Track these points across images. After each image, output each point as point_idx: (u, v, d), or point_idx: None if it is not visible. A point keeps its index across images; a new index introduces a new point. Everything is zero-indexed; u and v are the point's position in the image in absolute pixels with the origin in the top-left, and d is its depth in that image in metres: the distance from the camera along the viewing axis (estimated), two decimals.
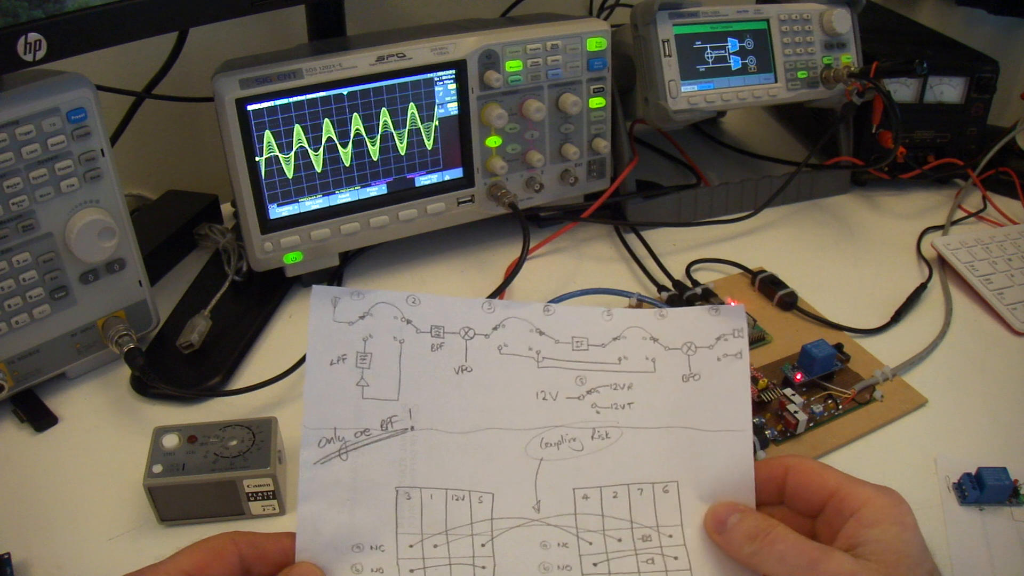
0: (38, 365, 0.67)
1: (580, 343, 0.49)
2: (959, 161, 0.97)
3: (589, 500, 0.47)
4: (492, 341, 0.48)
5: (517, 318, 0.49)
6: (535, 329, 0.49)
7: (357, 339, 0.46)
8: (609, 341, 0.50)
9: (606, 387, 0.49)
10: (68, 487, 0.61)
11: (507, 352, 0.48)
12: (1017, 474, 0.59)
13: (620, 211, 0.91)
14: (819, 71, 0.90)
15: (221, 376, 0.71)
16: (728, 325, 0.50)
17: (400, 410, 0.46)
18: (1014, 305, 0.78)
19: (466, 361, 0.48)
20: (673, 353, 0.49)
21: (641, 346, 0.50)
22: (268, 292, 0.80)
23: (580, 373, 0.49)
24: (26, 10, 0.55)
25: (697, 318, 0.50)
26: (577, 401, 0.48)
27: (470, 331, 0.48)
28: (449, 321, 0.48)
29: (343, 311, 0.47)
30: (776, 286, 0.79)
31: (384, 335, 0.47)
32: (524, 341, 0.49)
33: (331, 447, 0.45)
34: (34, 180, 0.61)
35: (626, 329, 0.50)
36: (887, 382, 0.69)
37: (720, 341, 0.49)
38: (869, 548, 0.41)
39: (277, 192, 0.75)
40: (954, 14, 1.21)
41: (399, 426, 0.46)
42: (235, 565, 0.43)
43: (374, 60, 0.74)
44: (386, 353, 0.47)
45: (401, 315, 0.47)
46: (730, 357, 0.49)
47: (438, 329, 0.48)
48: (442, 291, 0.82)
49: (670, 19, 0.84)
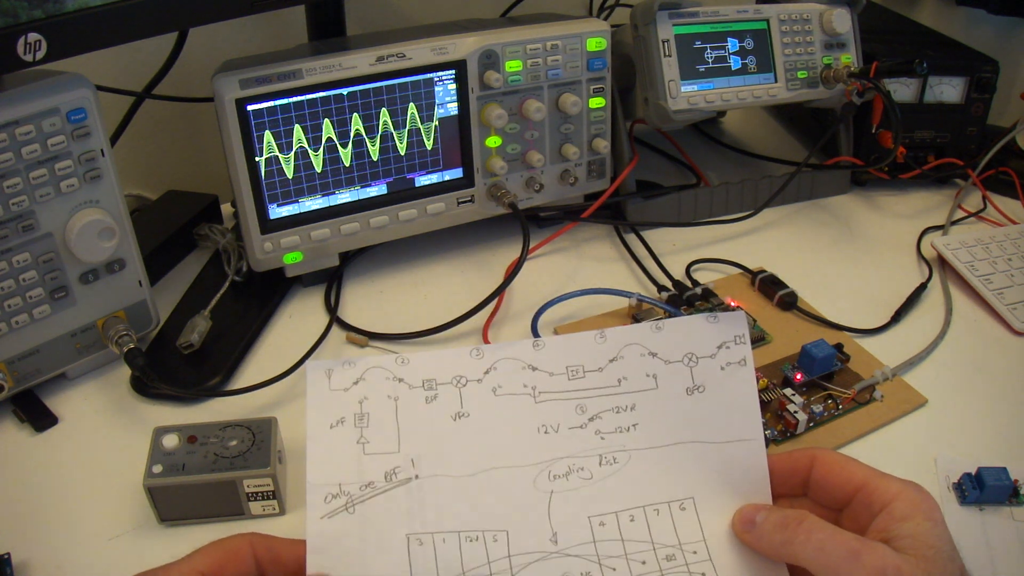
0: (38, 365, 0.67)
1: (576, 372, 0.49)
2: (959, 161, 0.97)
3: (606, 527, 0.46)
4: (485, 385, 0.48)
5: (507, 359, 0.49)
6: (527, 366, 0.49)
7: (353, 403, 0.47)
8: (606, 364, 0.49)
9: (608, 411, 0.48)
10: (68, 487, 0.61)
11: (502, 393, 0.48)
12: (1017, 474, 0.59)
13: (620, 211, 0.91)
14: (819, 71, 0.90)
15: (221, 376, 0.71)
16: (729, 332, 0.49)
17: (402, 461, 0.46)
18: (1014, 305, 0.78)
19: (462, 407, 0.48)
20: (674, 366, 0.49)
21: (640, 363, 0.49)
22: (268, 292, 0.80)
23: (580, 402, 0.48)
24: (26, 10, 0.55)
25: (696, 327, 0.49)
26: (580, 430, 0.48)
27: (462, 379, 0.48)
28: (440, 373, 0.48)
29: (337, 380, 0.48)
30: (776, 286, 0.79)
31: (379, 395, 0.48)
32: (518, 380, 0.49)
33: (337, 502, 0.45)
34: (34, 180, 0.61)
35: (622, 348, 0.49)
36: (887, 382, 0.69)
37: (722, 349, 0.49)
38: (904, 543, 0.40)
39: (277, 192, 0.75)
40: (954, 14, 1.21)
41: (403, 476, 0.46)
42: (250, 568, 0.43)
43: (374, 60, 0.74)
44: (382, 411, 0.47)
45: (392, 375, 0.48)
46: (734, 365, 0.48)
47: (430, 382, 0.48)
48: (442, 291, 0.82)
49: (670, 19, 0.84)
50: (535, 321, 0.72)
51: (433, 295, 0.82)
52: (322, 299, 0.81)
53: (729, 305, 0.77)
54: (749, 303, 0.79)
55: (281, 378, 0.69)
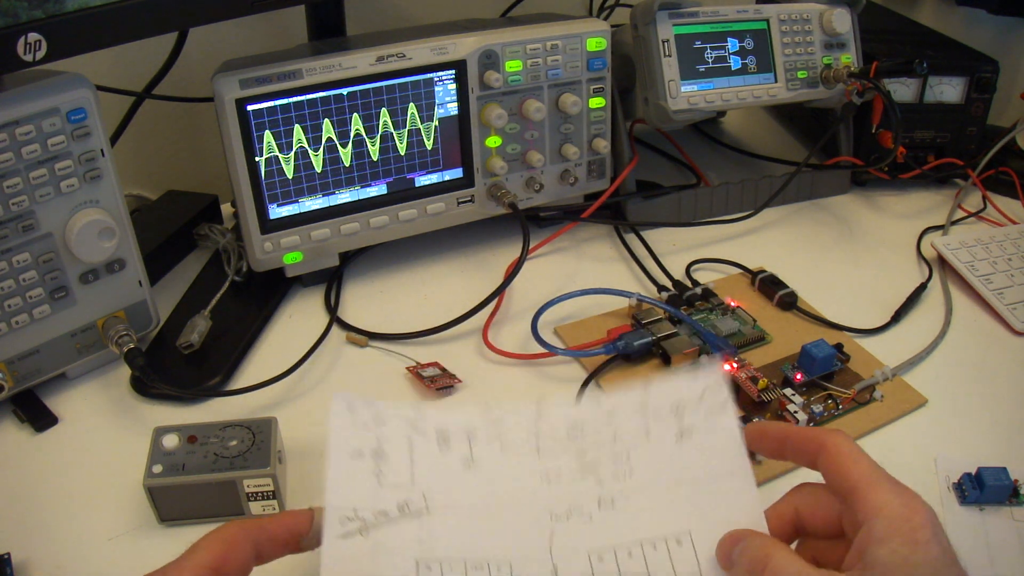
0: (38, 365, 0.67)
1: (576, 432, 0.53)
2: (959, 161, 0.97)
3: (604, 562, 0.48)
4: (494, 440, 0.52)
5: (515, 420, 0.53)
6: (532, 427, 0.53)
7: (372, 439, 0.51)
8: (603, 424, 0.53)
9: (606, 461, 0.51)
10: (68, 487, 0.61)
11: (509, 447, 0.52)
12: (1017, 474, 0.59)
13: (620, 211, 0.91)
14: (819, 71, 0.90)
15: (221, 376, 0.71)
16: (709, 379, 0.53)
17: (415, 494, 0.49)
18: (1014, 305, 0.78)
19: (472, 456, 0.52)
20: (663, 418, 0.52)
21: (633, 420, 0.53)
22: (268, 292, 0.80)
23: (580, 454, 0.52)
24: (26, 10, 0.55)
25: (679, 382, 0.54)
26: (580, 479, 0.51)
27: (473, 433, 0.52)
28: (453, 427, 0.52)
29: (359, 415, 0.52)
30: (776, 286, 0.79)
31: (396, 437, 0.51)
32: (524, 438, 0.53)
33: (352, 525, 0.47)
34: (34, 180, 0.61)
35: (617, 408, 0.54)
36: (887, 382, 0.69)
37: (705, 395, 0.52)
38: (875, 572, 0.38)
39: (277, 192, 0.75)
40: (954, 14, 1.21)
41: (415, 507, 0.49)
42: (250, 552, 0.44)
43: (374, 60, 0.74)
44: (399, 451, 0.51)
45: (409, 423, 0.52)
46: (716, 409, 0.52)
47: (443, 433, 0.52)
48: (442, 291, 0.82)
49: (670, 19, 0.84)
50: (535, 321, 0.72)
51: (433, 295, 0.82)
52: (322, 299, 0.81)
53: (729, 305, 0.77)
54: (749, 303, 0.79)
55: (281, 378, 0.69)
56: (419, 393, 0.70)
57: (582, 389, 0.69)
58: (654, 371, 0.71)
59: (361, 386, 0.70)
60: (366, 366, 0.73)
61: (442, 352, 0.74)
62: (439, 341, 0.75)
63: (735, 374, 0.68)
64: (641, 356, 0.72)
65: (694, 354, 0.71)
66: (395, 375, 0.71)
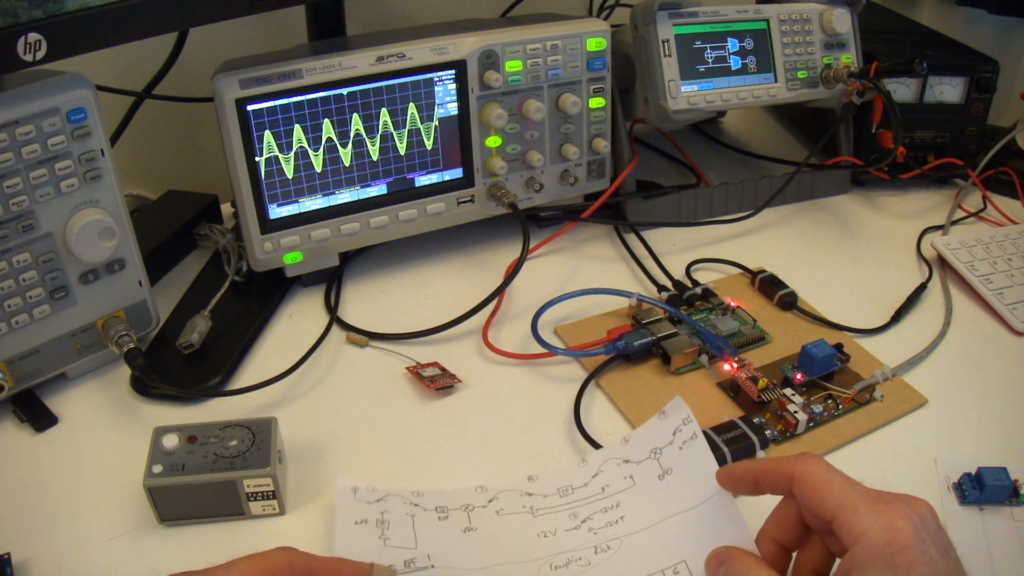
0: (38, 365, 0.67)
1: (565, 490, 0.58)
2: (959, 161, 0.97)
3: None
4: (489, 509, 0.57)
5: (506, 490, 0.58)
6: (524, 493, 0.58)
7: (375, 511, 0.55)
8: (590, 480, 0.58)
9: (597, 512, 0.56)
10: (68, 487, 0.61)
11: (504, 513, 0.57)
12: (1017, 474, 0.59)
13: (620, 211, 0.91)
14: (819, 71, 0.90)
15: (221, 376, 0.71)
16: (677, 418, 0.57)
17: (419, 555, 0.53)
18: (1014, 305, 0.78)
19: (470, 524, 0.56)
20: (645, 464, 0.57)
21: (617, 471, 0.58)
22: (268, 292, 0.80)
23: (572, 510, 0.56)
24: (26, 10, 0.55)
25: (652, 428, 0.58)
26: (575, 530, 0.55)
27: (469, 506, 0.57)
28: (450, 503, 0.57)
29: (362, 495, 0.56)
30: (776, 286, 0.79)
31: (398, 512, 0.55)
32: (517, 503, 0.57)
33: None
34: (34, 180, 0.61)
35: (601, 464, 0.59)
36: (887, 382, 0.69)
37: (677, 433, 0.56)
38: None
39: (277, 192, 0.75)
40: (954, 14, 1.21)
41: (420, 564, 0.52)
42: None
43: (374, 60, 0.74)
44: (401, 522, 0.55)
45: (409, 502, 0.56)
46: (688, 442, 0.56)
47: (442, 508, 0.57)
48: (442, 291, 0.82)
49: (670, 19, 0.84)
50: (535, 321, 0.72)
51: (433, 295, 0.82)
52: (322, 299, 0.81)
53: (729, 305, 0.77)
54: (749, 303, 0.79)
55: (281, 378, 0.69)
56: (419, 393, 0.70)
57: (582, 389, 0.69)
58: (654, 371, 0.71)
59: (361, 386, 0.70)
60: (366, 366, 0.73)
61: (442, 352, 0.74)
62: (439, 341, 0.75)
63: (735, 374, 0.68)
64: (641, 356, 0.72)
65: (694, 354, 0.71)
66: (395, 375, 0.71)
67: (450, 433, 0.66)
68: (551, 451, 0.64)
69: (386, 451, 0.64)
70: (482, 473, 0.62)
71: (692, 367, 0.71)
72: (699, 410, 0.67)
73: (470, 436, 0.66)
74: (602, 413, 0.68)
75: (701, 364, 0.71)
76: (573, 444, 0.64)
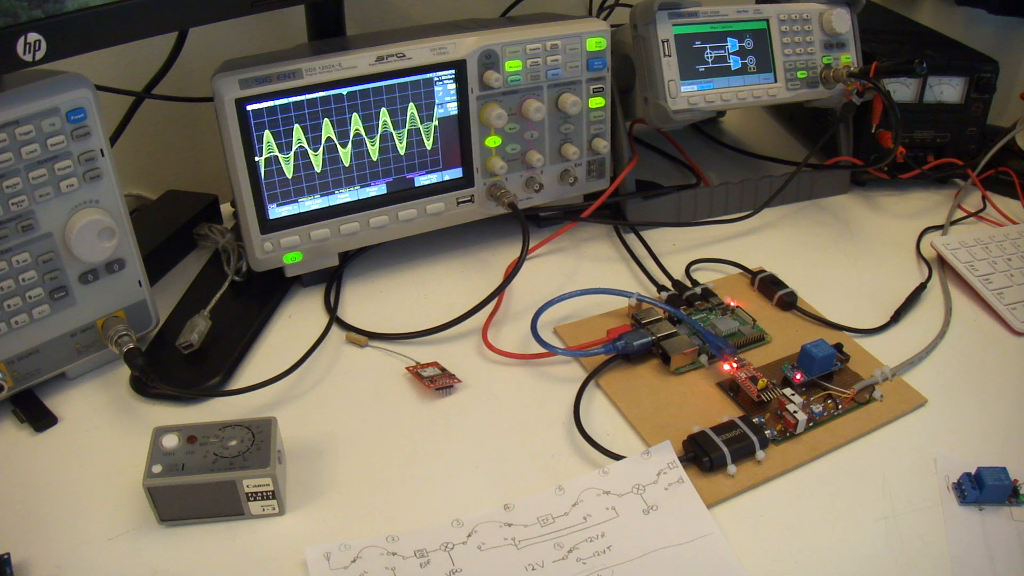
0: (38, 365, 0.67)
1: (545, 520, 0.57)
2: (959, 161, 0.97)
3: None
4: (470, 545, 0.56)
5: (485, 522, 0.57)
6: (503, 524, 0.57)
7: (355, 575, 0.54)
8: (570, 509, 0.58)
9: (583, 542, 0.56)
10: (68, 487, 0.61)
11: (487, 548, 0.56)
12: (1017, 474, 0.59)
13: (620, 211, 0.91)
14: (819, 71, 0.90)
15: (221, 376, 0.71)
16: (662, 461, 0.58)
17: None
18: (1014, 305, 0.78)
19: (454, 566, 0.54)
20: (627, 497, 0.58)
21: (598, 501, 0.58)
22: (268, 292, 0.80)
23: (556, 540, 0.56)
24: (26, 10, 0.55)
25: (635, 464, 0.59)
26: (563, 561, 0.55)
27: (449, 544, 0.56)
28: (429, 543, 0.56)
29: (336, 561, 0.54)
30: (776, 286, 0.79)
31: (377, 569, 0.54)
32: (497, 535, 0.56)
33: None
34: (34, 180, 0.61)
35: (580, 494, 0.59)
36: (887, 382, 0.69)
37: (661, 475, 0.58)
38: None
39: (277, 192, 0.75)
40: (954, 14, 1.21)
41: None
42: None
43: (374, 60, 0.74)
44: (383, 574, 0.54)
45: (386, 551, 0.55)
46: (674, 484, 0.57)
47: (421, 551, 0.55)
48: (442, 291, 0.82)
49: (670, 19, 0.84)
50: (535, 321, 0.72)
51: (433, 295, 0.82)
52: (322, 299, 0.81)
53: (729, 305, 0.77)
54: (749, 303, 0.79)
55: (281, 378, 0.69)
56: (419, 393, 0.70)
57: (582, 389, 0.69)
58: (654, 371, 0.71)
59: (361, 386, 0.70)
60: (366, 366, 0.73)
61: (442, 352, 0.74)
62: (439, 341, 0.75)
63: (735, 374, 0.68)
64: (641, 356, 0.72)
65: (694, 354, 0.71)
66: (395, 375, 0.71)
67: (450, 433, 0.66)
68: (551, 451, 0.64)
69: (385, 451, 0.64)
70: (482, 473, 0.62)
71: (692, 367, 0.71)
72: (699, 410, 0.67)
73: (470, 436, 0.66)
74: (602, 413, 0.68)
75: (701, 364, 0.71)
76: (573, 444, 0.64)
